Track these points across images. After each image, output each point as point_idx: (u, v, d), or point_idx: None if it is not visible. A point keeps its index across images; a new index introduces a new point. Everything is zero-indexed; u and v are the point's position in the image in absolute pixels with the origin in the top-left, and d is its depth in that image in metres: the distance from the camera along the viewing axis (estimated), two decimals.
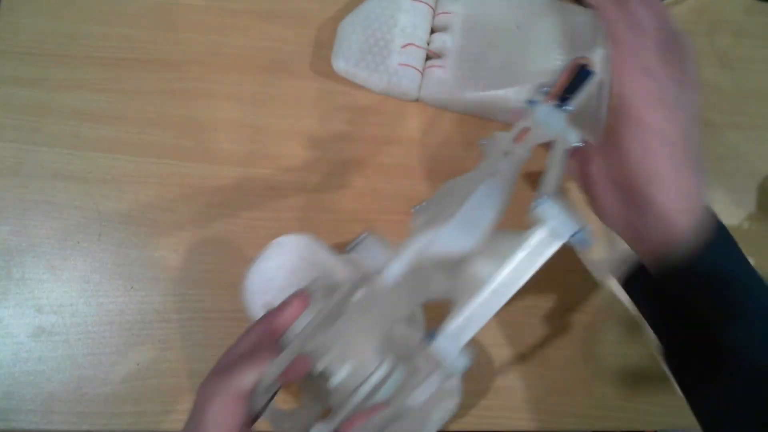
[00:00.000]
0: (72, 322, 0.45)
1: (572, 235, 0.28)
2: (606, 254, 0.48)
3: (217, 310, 0.46)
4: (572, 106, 0.35)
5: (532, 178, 0.48)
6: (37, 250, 0.46)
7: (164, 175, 0.48)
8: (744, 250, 0.50)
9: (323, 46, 0.51)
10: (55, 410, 0.43)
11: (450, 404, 0.39)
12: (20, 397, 0.43)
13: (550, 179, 0.30)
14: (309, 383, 0.37)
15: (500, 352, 0.47)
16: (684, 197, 0.34)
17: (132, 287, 0.46)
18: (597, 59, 0.35)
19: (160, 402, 0.44)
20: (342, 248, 0.47)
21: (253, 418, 0.32)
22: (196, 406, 0.32)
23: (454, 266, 0.32)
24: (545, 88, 0.35)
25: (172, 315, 0.45)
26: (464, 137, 0.50)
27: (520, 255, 0.28)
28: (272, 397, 0.32)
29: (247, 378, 0.31)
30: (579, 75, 0.36)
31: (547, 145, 0.35)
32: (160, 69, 0.50)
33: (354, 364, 0.34)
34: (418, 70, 0.49)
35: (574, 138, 0.34)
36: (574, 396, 0.46)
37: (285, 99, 0.50)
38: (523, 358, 0.47)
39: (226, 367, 0.32)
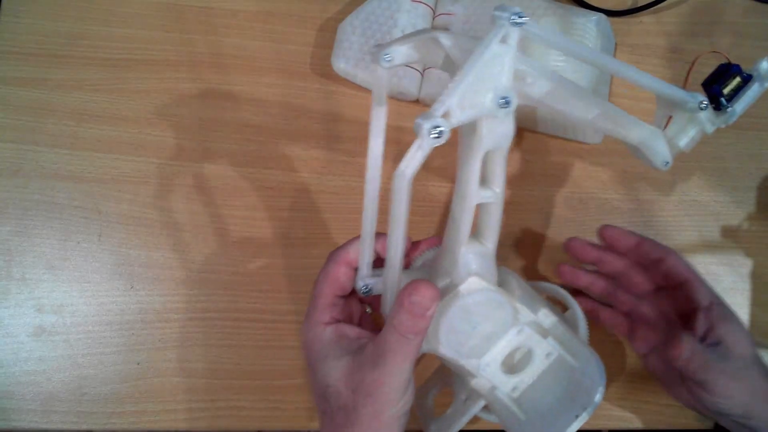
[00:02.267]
0: (72, 321, 0.45)
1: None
2: None
3: (217, 310, 0.46)
4: (732, 105, 0.37)
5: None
6: (37, 250, 0.46)
7: (164, 175, 0.48)
8: (744, 251, 0.50)
9: (323, 46, 0.51)
10: (55, 410, 0.43)
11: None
12: (20, 397, 0.43)
13: None
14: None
15: None
16: None
17: (132, 287, 0.46)
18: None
19: (160, 402, 0.44)
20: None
21: (362, 295, 0.36)
22: None
23: None
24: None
25: (172, 315, 0.45)
26: None
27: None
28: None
29: (351, 248, 0.36)
30: (725, 71, 0.37)
31: None
32: (160, 69, 0.50)
33: None
34: (418, 70, 0.49)
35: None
36: None
37: (285, 99, 0.50)
38: None
39: (336, 249, 0.37)
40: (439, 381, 0.43)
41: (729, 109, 0.37)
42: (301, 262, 0.47)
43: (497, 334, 0.34)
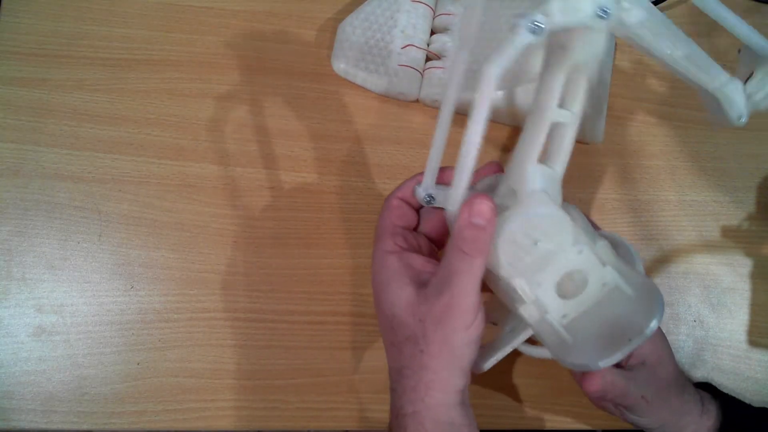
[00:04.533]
0: (72, 321, 0.45)
1: None
2: None
3: (217, 310, 0.46)
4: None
5: None
6: (37, 250, 0.46)
7: (164, 175, 0.48)
8: (744, 251, 0.50)
9: (323, 46, 0.51)
10: (55, 410, 0.43)
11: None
12: (20, 397, 0.43)
13: None
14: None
15: None
16: None
17: (132, 287, 0.46)
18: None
19: (160, 402, 0.44)
20: (344, 248, 0.47)
21: (424, 204, 0.36)
22: None
23: None
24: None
25: (172, 315, 0.45)
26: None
27: None
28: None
29: (405, 185, 0.36)
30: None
31: None
32: (160, 69, 0.50)
33: None
34: (418, 70, 0.49)
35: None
36: (574, 396, 0.46)
37: (285, 99, 0.50)
38: (523, 357, 0.47)
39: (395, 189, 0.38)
40: (487, 315, 0.43)
41: None
42: (301, 262, 0.47)
43: (556, 254, 0.33)
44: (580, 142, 0.50)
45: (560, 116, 0.33)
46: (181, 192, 0.47)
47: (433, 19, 0.50)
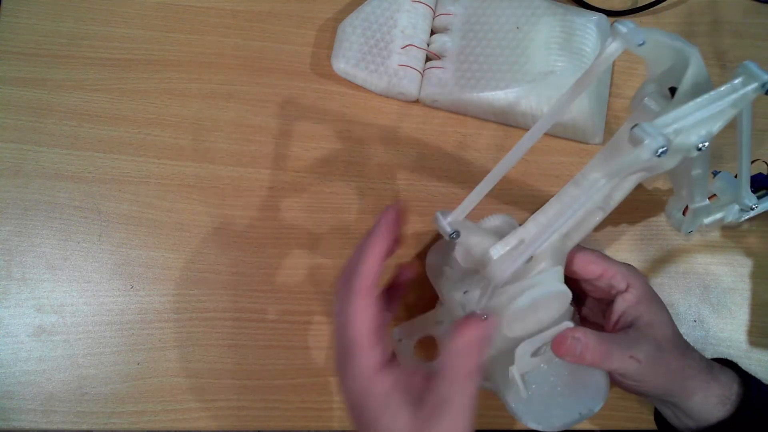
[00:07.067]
0: (72, 321, 0.45)
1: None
2: None
3: (217, 310, 0.46)
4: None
5: None
6: (37, 250, 0.46)
7: (164, 175, 0.48)
8: (744, 250, 0.50)
9: (323, 46, 0.51)
10: (55, 410, 0.43)
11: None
12: (20, 397, 0.43)
13: None
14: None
15: None
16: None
17: (132, 287, 0.46)
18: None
19: (160, 402, 0.44)
20: (344, 248, 0.47)
21: (448, 239, 0.34)
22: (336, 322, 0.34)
23: None
24: None
25: (172, 315, 0.45)
26: (464, 138, 0.50)
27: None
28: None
29: (364, 271, 0.33)
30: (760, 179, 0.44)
31: None
32: (160, 69, 0.50)
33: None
34: (418, 70, 0.49)
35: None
36: None
37: (285, 99, 0.50)
38: None
39: (344, 278, 0.34)
40: (419, 330, 0.43)
41: (750, 211, 0.43)
42: (300, 262, 0.47)
43: (546, 322, 0.36)
44: (580, 142, 0.50)
45: (601, 209, 0.35)
46: (181, 192, 0.47)
47: (433, 19, 0.50)
